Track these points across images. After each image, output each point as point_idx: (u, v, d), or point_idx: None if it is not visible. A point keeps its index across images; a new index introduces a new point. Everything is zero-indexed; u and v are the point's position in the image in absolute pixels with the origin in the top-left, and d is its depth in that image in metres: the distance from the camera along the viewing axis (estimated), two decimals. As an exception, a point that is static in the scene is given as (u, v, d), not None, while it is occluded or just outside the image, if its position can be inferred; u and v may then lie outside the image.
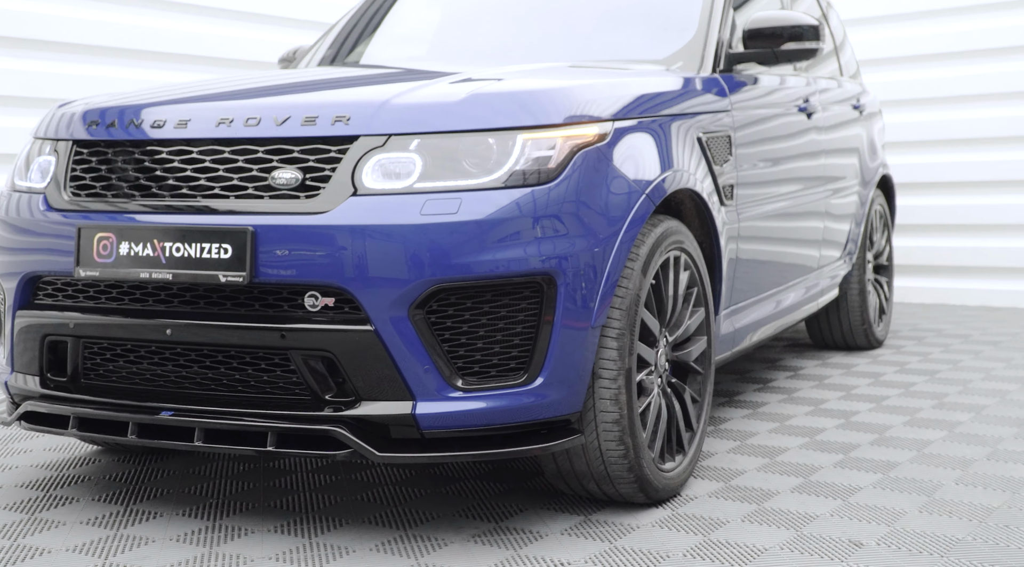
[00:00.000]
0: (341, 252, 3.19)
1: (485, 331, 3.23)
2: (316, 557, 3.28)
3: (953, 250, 9.03)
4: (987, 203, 8.92)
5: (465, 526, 3.53)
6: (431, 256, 3.15)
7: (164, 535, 3.48)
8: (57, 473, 4.17)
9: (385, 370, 3.20)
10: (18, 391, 3.74)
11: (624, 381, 3.44)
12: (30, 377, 3.68)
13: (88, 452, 4.49)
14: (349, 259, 3.18)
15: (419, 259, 3.16)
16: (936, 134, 9.11)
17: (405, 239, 3.16)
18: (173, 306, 3.39)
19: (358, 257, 3.18)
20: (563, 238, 3.25)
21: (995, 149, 8.89)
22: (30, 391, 3.68)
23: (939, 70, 9.14)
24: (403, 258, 3.16)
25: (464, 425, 3.25)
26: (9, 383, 3.75)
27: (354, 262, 3.18)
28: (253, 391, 3.36)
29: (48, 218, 3.58)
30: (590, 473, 3.54)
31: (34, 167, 3.77)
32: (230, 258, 3.25)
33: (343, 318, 3.21)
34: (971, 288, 8.98)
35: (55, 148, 3.72)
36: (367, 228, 3.18)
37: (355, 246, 3.18)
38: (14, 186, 3.84)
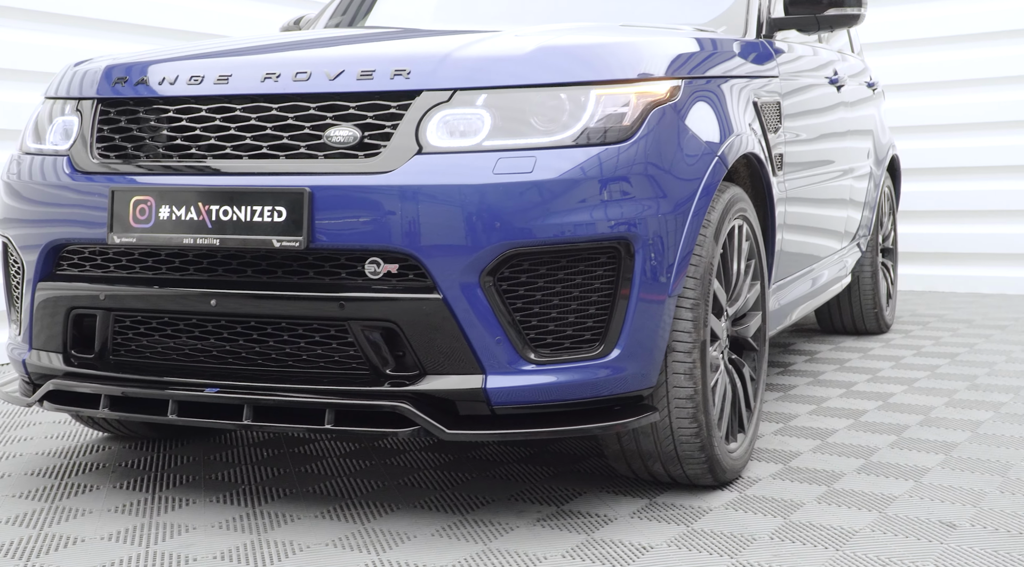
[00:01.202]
0: (406, 215, 2.96)
1: (559, 300, 3.01)
2: (377, 542, 3.05)
3: (940, 237, 8.91)
4: (974, 189, 8.82)
5: (526, 510, 3.31)
6: (505, 218, 2.93)
7: (204, 522, 3.23)
8: (67, 461, 3.90)
9: (453, 342, 2.97)
10: (38, 370, 3.47)
11: (699, 355, 3.24)
12: (52, 354, 3.42)
13: (92, 439, 4.22)
14: (415, 222, 2.95)
15: (492, 221, 2.94)
16: (919, 120, 8.98)
17: (477, 200, 2.94)
18: (217, 275, 3.14)
19: (425, 220, 2.95)
20: (640, 201, 3.04)
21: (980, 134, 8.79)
22: (52, 369, 3.42)
23: (923, 54, 9.02)
24: (475, 220, 2.94)
25: (536, 400, 3.03)
26: (28, 361, 3.48)
27: (421, 225, 2.95)
28: (305, 366, 3.12)
29: (74, 182, 3.32)
30: (658, 453, 3.33)
31: (53, 128, 3.50)
32: (284, 221, 3.01)
33: (408, 286, 2.98)
34: (959, 275, 8.88)
35: (77, 107, 3.46)
36: (435, 188, 2.95)
37: (422, 208, 2.95)
38: (26, 149, 3.57)
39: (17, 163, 3.54)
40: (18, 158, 3.56)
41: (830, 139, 5.03)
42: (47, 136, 3.51)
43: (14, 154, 3.63)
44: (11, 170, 3.55)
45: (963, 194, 8.84)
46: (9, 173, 3.55)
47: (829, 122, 5.02)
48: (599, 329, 3.04)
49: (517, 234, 2.94)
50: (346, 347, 3.07)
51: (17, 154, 3.60)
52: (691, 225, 3.16)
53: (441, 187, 2.95)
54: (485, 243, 2.94)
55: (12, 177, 3.51)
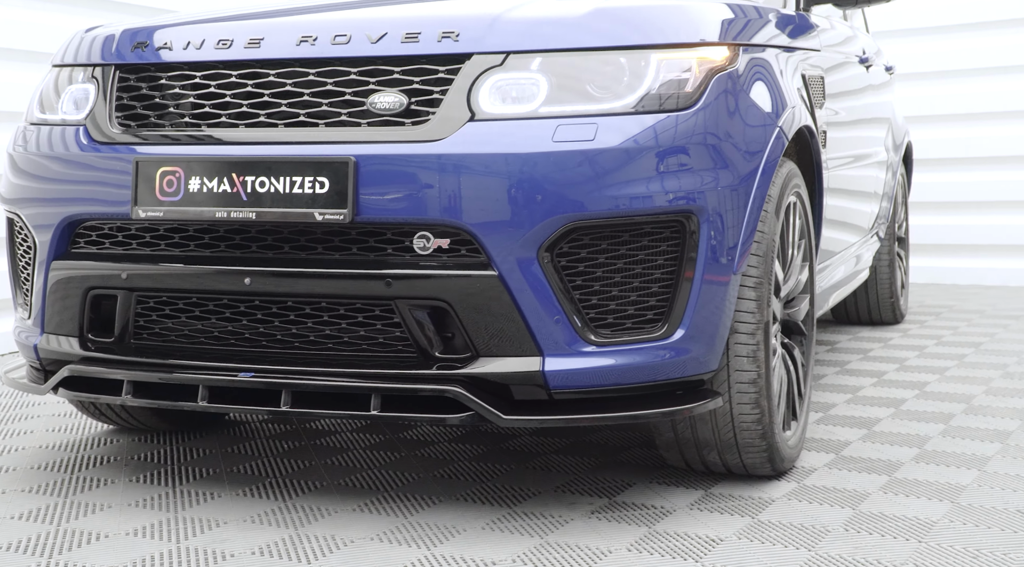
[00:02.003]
0: (459, 185, 2.76)
1: (621, 277, 2.82)
2: (425, 536, 2.85)
3: (942, 228, 8.77)
4: (976, 180, 8.68)
5: (577, 502, 3.12)
6: (565, 189, 2.74)
7: (234, 516, 3.02)
8: (74, 454, 3.68)
9: (509, 322, 2.78)
10: (50, 355, 3.25)
11: (763, 336, 3.05)
12: (67, 338, 3.19)
13: (97, 432, 4.00)
14: (469, 193, 2.75)
15: (552, 193, 2.74)
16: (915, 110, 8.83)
17: (536, 169, 2.74)
18: (251, 251, 2.93)
19: (479, 191, 2.75)
20: (705, 172, 2.85)
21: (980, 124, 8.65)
22: (67, 355, 3.20)
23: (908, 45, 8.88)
24: (533, 192, 2.74)
25: (596, 384, 2.84)
26: (40, 346, 3.25)
27: (474, 197, 2.75)
28: (345, 348, 2.92)
29: (92, 153, 3.10)
30: (715, 441, 3.14)
31: (65, 97, 3.28)
32: (327, 193, 2.80)
33: (460, 262, 2.78)
34: (961, 267, 8.74)
35: (92, 75, 3.23)
36: (490, 157, 2.76)
37: (475, 179, 2.75)
38: (34, 120, 3.34)
39: (25, 135, 3.31)
40: (25, 130, 3.34)
41: (861, 123, 4.86)
42: (59, 105, 3.29)
43: (20, 126, 3.40)
44: (18, 142, 3.32)
45: (965, 185, 8.69)
46: (16, 146, 3.32)
47: (861, 105, 4.85)
48: (662, 308, 2.85)
49: (578, 206, 2.75)
50: (391, 328, 2.87)
51: (23, 126, 3.37)
52: (755, 199, 2.98)
53: (496, 156, 2.76)
54: (544, 216, 2.74)
55: (20, 150, 3.29)
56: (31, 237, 3.23)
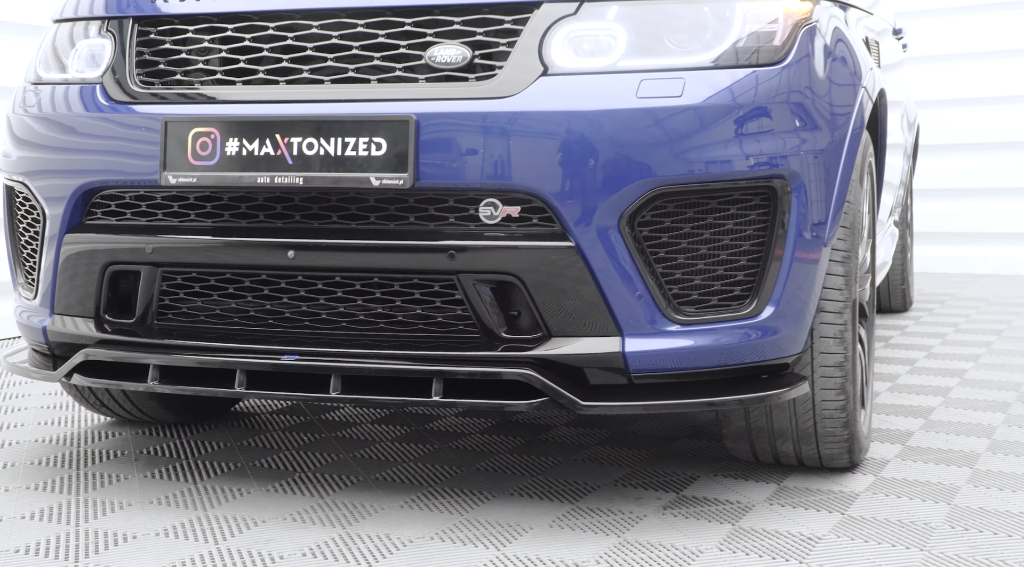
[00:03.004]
0: (531, 147, 2.49)
1: (707, 249, 2.56)
2: (490, 535, 2.59)
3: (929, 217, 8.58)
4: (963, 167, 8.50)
5: (643, 497, 2.86)
6: (651, 151, 2.48)
7: (273, 514, 2.74)
8: (75, 449, 3.38)
9: (586, 298, 2.51)
10: (61, 339, 2.94)
11: (850, 316, 2.80)
12: (81, 320, 2.89)
13: (96, 425, 3.70)
14: (542, 156, 2.49)
15: (637, 155, 2.48)
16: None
17: (619, 128, 2.48)
18: (295, 222, 2.64)
19: (554, 153, 2.48)
20: (796, 134, 2.59)
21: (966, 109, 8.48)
22: (81, 337, 2.90)
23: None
24: (616, 153, 2.48)
25: (679, 367, 2.58)
26: (49, 329, 2.94)
27: (549, 160, 2.48)
28: (400, 329, 2.64)
29: (111, 114, 2.80)
30: (792, 431, 2.89)
31: (76, 54, 2.97)
32: (385, 155, 2.52)
33: (532, 232, 2.51)
34: (949, 256, 8.56)
35: (107, 28, 2.93)
36: (567, 116, 2.49)
37: (551, 139, 2.48)
38: (40, 79, 3.02)
39: (29, 96, 3.00)
40: (30, 90, 3.02)
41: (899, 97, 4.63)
42: (69, 63, 2.98)
43: (23, 86, 3.08)
44: (21, 104, 3.01)
45: (951, 172, 8.51)
46: (18, 108, 3.01)
47: (894, 80, 4.62)
48: (749, 284, 2.59)
49: (664, 170, 2.48)
50: (452, 306, 2.60)
51: (26, 87, 3.06)
52: (845, 165, 2.73)
53: (575, 114, 2.49)
54: (627, 181, 2.48)
55: (24, 113, 2.98)
56: (39, 208, 2.92)
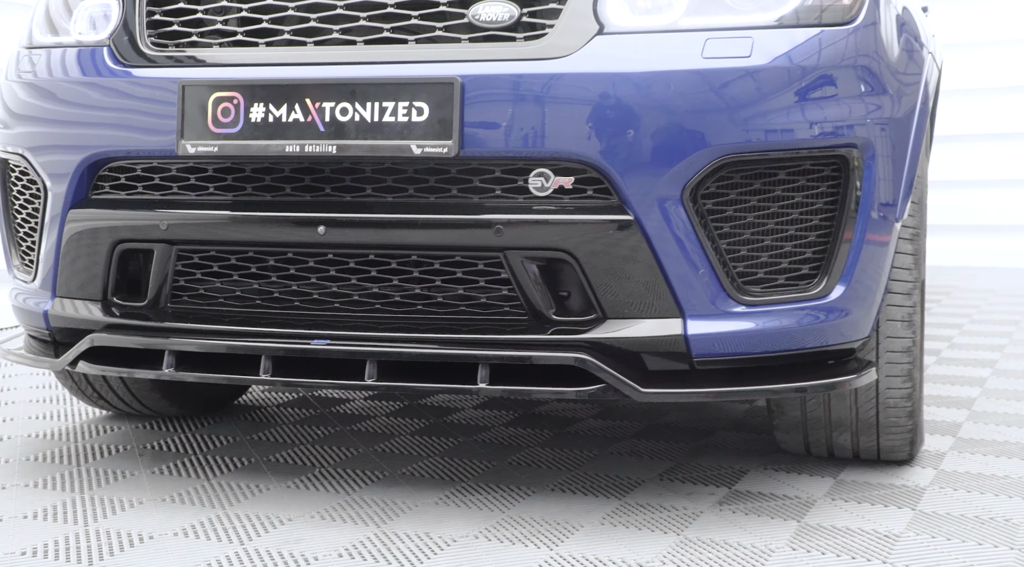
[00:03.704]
0: (587, 112, 2.29)
1: (775, 223, 2.36)
2: (539, 533, 2.39)
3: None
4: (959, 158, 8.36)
5: (694, 492, 2.67)
6: (718, 116, 2.28)
7: (297, 512, 2.53)
8: (73, 444, 3.16)
9: (645, 276, 2.31)
10: (64, 324, 2.72)
11: (919, 297, 2.61)
12: (86, 303, 2.67)
13: (91, 418, 3.48)
14: (599, 122, 2.29)
15: (703, 120, 2.28)
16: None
17: (683, 92, 2.28)
18: (325, 194, 2.43)
19: (612, 119, 2.28)
20: (868, 100, 2.40)
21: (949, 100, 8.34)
22: (87, 322, 2.67)
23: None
24: (680, 119, 2.28)
25: (744, 351, 2.39)
26: (50, 313, 2.72)
27: (607, 126, 2.28)
28: (439, 311, 2.43)
29: (121, 78, 2.58)
30: (851, 421, 2.70)
31: (78, 15, 2.74)
32: (427, 121, 2.31)
33: (587, 205, 2.31)
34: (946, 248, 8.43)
35: None
36: (627, 78, 2.29)
37: (608, 103, 2.28)
38: (37, 43, 2.79)
39: (27, 61, 2.76)
40: (25, 55, 2.79)
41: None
42: (71, 24, 2.75)
43: (17, 51, 2.85)
44: (16, 70, 2.78)
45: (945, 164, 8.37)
46: (15, 74, 2.78)
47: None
48: (818, 261, 2.40)
49: (731, 137, 2.29)
50: (497, 286, 2.39)
51: (21, 52, 2.82)
52: (916, 135, 2.54)
53: (635, 75, 2.29)
54: (692, 149, 2.28)
55: (20, 78, 2.75)
56: (40, 182, 2.69)
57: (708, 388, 2.37)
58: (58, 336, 2.78)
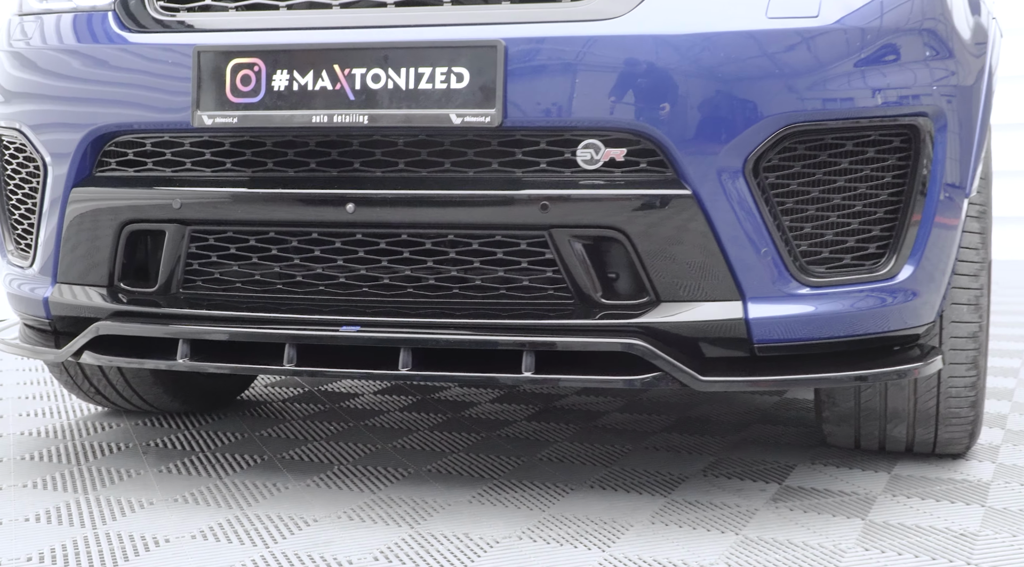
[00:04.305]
0: (640, 77, 2.11)
1: (842, 198, 2.19)
2: (587, 533, 2.21)
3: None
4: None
5: (744, 489, 2.51)
6: (784, 82, 2.11)
7: (323, 512, 2.34)
8: (70, 443, 2.97)
9: (703, 256, 2.14)
10: (67, 312, 2.53)
11: (986, 279, 2.44)
12: (91, 290, 2.48)
13: (87, 415, 3.29)
14: (654, 88, 2.11)
15: (766, 86, 2.11)
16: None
17: (746, 55, 2.10)
18: (353, 170, 2.25)
19: (669, 84, 2.11)
20: (938, 64, 2.23)
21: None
22: (92, 309, 2.48)
23: None
24: (743, 85, 2.11)
25: (807, 336, 2.22)
26: (51, 301, 2.52)
27: (662, 92, 2.11)
28: (477, 294, 2.25)
29: (128, 45, 2.38)
30: (909, 411, 2.54)
31: None
32: (467, 88, 2.13)
33: (640, 179, 2.13)
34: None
35: None
36: (684, 40, 2.11)
37: (664, 68, 2.11)
38: (33, 9, 2.59)
39: (22, 29, 2.56)
40: (18, 23, 2.58)
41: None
42: None
43: (8, 19, 2.65)
44: (12, 38, 2.58)
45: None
46: (8, 42, 2.58)
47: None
48: (886, 240, 2.23)
49: (797, 104, 2.12)
50: (541, 267, 2.21)
51: (15, 19, 2.62)
52: (985, 104, 2.38)
53: (693, 38, 2.11)
54: (755, 117, 2.10)
55: (17, 48, 2.55)
56: (39, 158, 2.50)
57: (770, 376, 2.20)
58: (59, 325, 2.58)
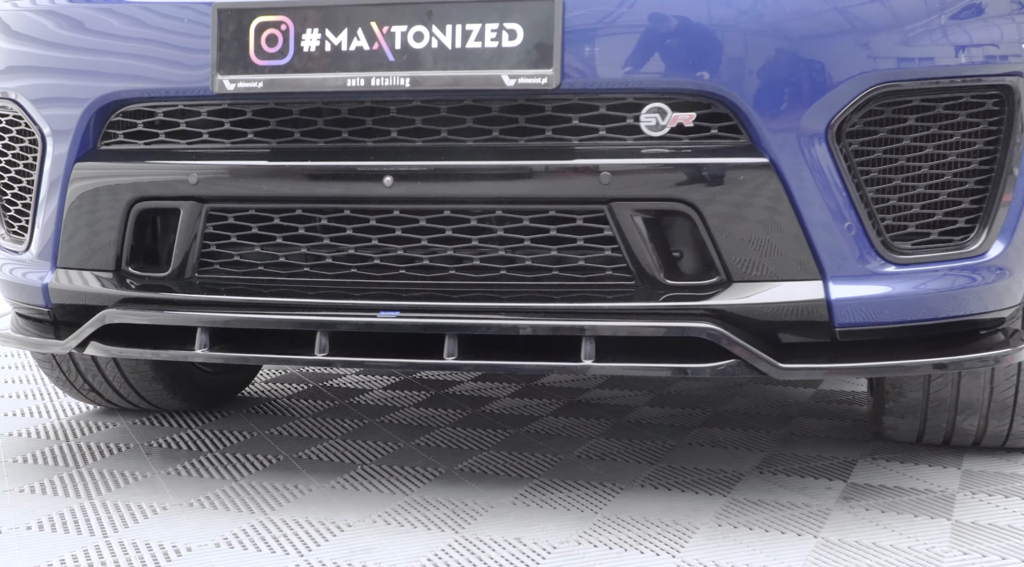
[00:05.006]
0: (713, 34, 1.91)
1: (930, 167, 1.99)
2: (652, 536, 2.03)
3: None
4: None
5: (809, 487, 2.32)
6: (871, 39, 1.92)
7: (356, 516, 2.14)
8: (67, 444, 2.75)
9: (782, 230, 1.94)
10: (69, 299, 2.31)
11: (1073, 256, 2.25)
12: (96, 275, 2.25)
13: (80, 414, 3.07)
14: (727, 46, 1.91)
15: (852, 43, 1.93)
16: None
17: (831, 8, 1.90)
18: (391, 139, 2.03)
19: (744, 41, 1.92)
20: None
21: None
22: (98, 296, 2.26)
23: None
24: (826, 42, 1.92)
25: (891, 319, 2.04)
26: (51, 287, 2.30)
27: (736, 50, 1.91)
28: (526, 275, 2.04)
29: (137, 2, 2.15)
30: (983, 402, 2.36)
31: None
32: (522, 46, 1.92)
33: (711, 147, 1.94)
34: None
35: None
36: (760, -7, 1.90)
37: (739, 23, 1.92)
38: None
39: None
40: None
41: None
42: None
43: None
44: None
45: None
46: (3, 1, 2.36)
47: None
48: (976, 212, 2.04)
49: (887, 62, 1.93)
50: (600, 245, 2.01)
51: None
52: (1071, 69, 2.18)
53: (771, -10, 1.91)
54: (840, 76, 1.91)
55: (8, 7, 2.32)
56: (35, 130, 2.27)
57: (851, 363, 2.00)
58: (58, 314, 2.36)
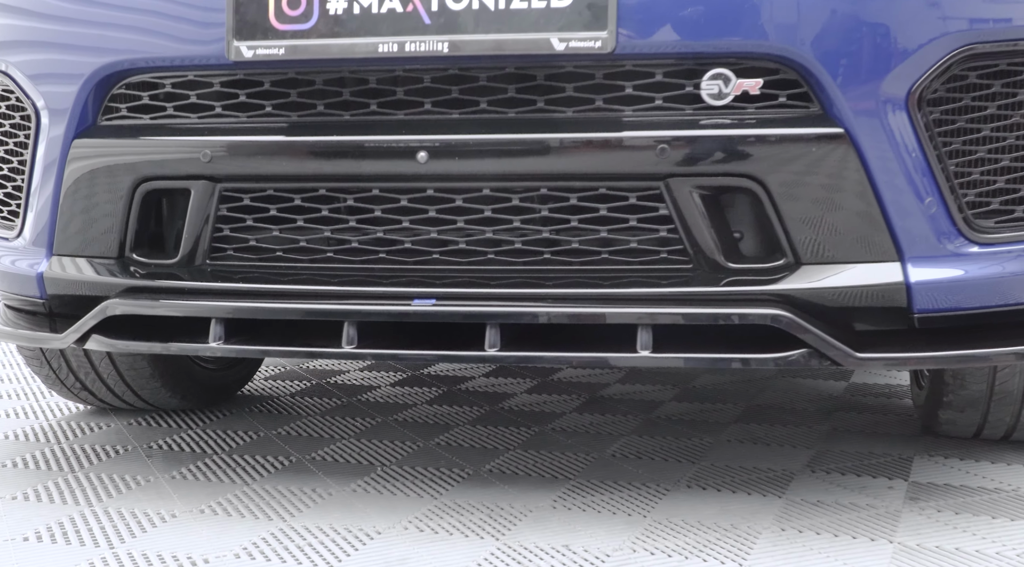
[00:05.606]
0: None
1: (1016, 138, 1.82)
2: (712, 543, 1.87)
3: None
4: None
5: (869, 486, 2.18)
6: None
7: (384, 522, 1.96)
8: (59, 446, 2.57)
9: (857, 207, 1.78)
10: (66, 289, 2.13)
11: None
12: (97, 262, 2.06)
13: (71, 415, 2.88)
14: (799, 4, 1.73)
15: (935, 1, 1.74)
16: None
17: (911, -35, 1.73)
18: (426, 111, 1.85)
19: (815, 2, 1.73)
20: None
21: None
22: (99, 285, 2.08)
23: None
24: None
25: (972, 304, 1.89)
26: (46, 276, 2.11)
27: (807, 10, 1.74)
28: (574, 259, 1.87)
29: (142, -31, 1.97)
30: (1040, 395, 2.19)
31: None
32: (572, 7, 1.75)
33: (779, 117, 1.77)
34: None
35: None
36: (835, -53, 1.74)
37: (809, -18, 1.73)
38: None
39: None
40: None
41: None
42: None
43: None
44: None
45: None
46: None
47: None
48: (1059, 188, 1.87)
49: (972, 22, 1.76)
50: (655, 225, 1.83)
51: None
52: None
53: (847, -56, 1.74)
54: (924, 37, 1.74)
55: None
56: (28, 105, 2.08)
57: (931, 352, 1.83)
58: (54, 305, 2.16)
